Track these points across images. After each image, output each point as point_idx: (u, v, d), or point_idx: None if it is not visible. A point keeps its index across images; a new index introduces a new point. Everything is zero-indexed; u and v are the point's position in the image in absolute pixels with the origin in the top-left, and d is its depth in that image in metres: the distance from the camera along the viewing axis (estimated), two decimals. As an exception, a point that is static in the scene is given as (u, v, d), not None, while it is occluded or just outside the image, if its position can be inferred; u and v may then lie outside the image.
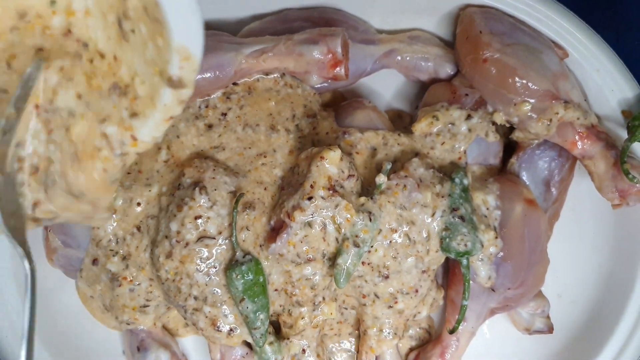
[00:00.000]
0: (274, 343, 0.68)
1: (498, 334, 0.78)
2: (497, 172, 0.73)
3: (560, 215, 0.75)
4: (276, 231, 0.64)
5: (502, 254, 0.67)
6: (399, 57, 0.74)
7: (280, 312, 0.68)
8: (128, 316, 0.70)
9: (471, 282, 0.67)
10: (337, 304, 0.69)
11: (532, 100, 0.68)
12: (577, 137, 0.70)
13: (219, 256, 0.65)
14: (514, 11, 0.72)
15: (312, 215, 0.62)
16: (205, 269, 0.65)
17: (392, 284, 0.66)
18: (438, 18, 0.75)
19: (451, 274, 0.71)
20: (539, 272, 0.70)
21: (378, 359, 0.72)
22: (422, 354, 0.74)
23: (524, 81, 0.67)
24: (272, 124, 0.70)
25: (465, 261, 0.66)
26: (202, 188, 0.64)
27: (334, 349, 0.72)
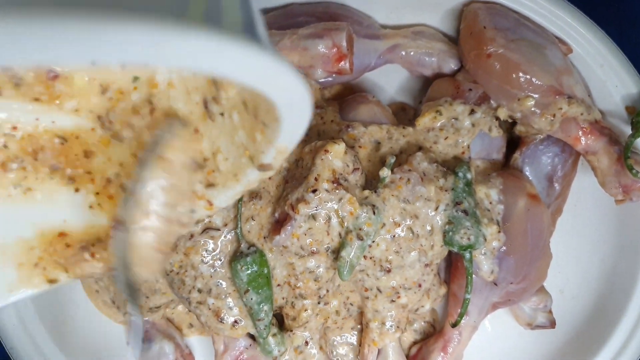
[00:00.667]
0: (277, 335, 0.68)
1: (500, 328, 0.78)
2: (501, 167, 0.73)
3: (563, 211, 0.76)
4: (280, 223, 0.64)
5: (504, 248, 0.68)
6: (403, 52, 0.74)
7: (283, 305, 0.68)
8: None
9: (474, 276, 0.67)
10: (342, 300, 0.70)
11: (535, 96, 0.68)
12: (580, 133, 0.70)
13: (224, 248, 0.66)
14: (518, 7, 0.72)
15: (316, 208, 0.62)
16: (210, 261, 0.65)
17: (394, 278, 0.66)
18: (442, 13, 0.76)
19: (454, 267, 0.72)
20: (541, 267, 0.70)
21: (380, 352, 0.72)
22: (424, 348, 0.74)
23: (528, 76, 0.67)
24: None
25: (468, 255, 0.66)
26: None
27: (336, 342, 0.73)
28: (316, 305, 0.67)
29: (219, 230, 0.65)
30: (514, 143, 0.75)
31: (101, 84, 0.49)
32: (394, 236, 0.65)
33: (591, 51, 0.72)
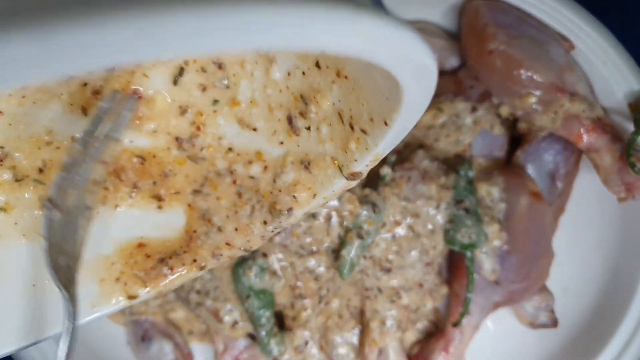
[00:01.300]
0: (277, 335, 0.68)
1: (502, 328, 0.78)
2: (502, 165, 0.73)
3: (565, 209, 0.75)
4: (280, 222, 0.64)
5: (506, 246, 0.67)
6: (404, 50, 0.74)
7: (283, 304, 0.68)
8: (129, 308, 0.71)
9: (475, 275, 0.67)
10: (343, 300, 0.69)
11: (537, 93, 0.68)
12: (582, 130, 0.69)
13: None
14: (520, 3, 0.71)
15: (315, 206, 0.62)
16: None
17: (395, 278, 0.66)
18: (443, 10, 0.75)
19: (455, 267, 0.71)
20: (543, 266, 0.70)
21: (381, 352, 0.72)
22: (425, 348, 0.74)
23: (530, 73, 0.67)
24: None
25: (469, 254, 0.66)
26: None
27: (337, 342, 0.72)
28: (317, 305, 0.67)
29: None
30: (515, 141, 0.74)
31: (180, 106, 0.48)
32: (394, 235, 0.64)
33: (594, 48, 0.71)
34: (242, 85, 0.48)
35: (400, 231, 0.64)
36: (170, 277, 0.51)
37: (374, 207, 0.63)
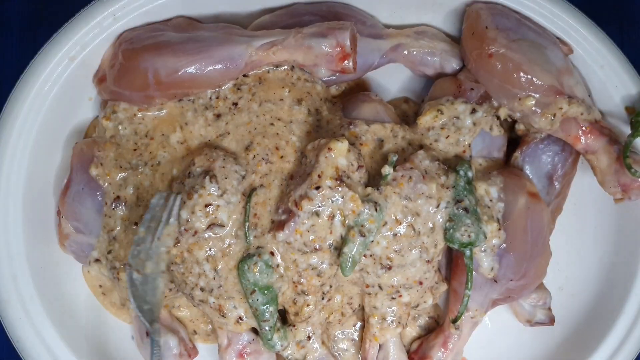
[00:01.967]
0: (280, 330, 0.69)
1: (500, 325, 0.79)
2: (501, 165, 0.74)
3: (562, 209, 0.76)
4: (283, 220, 0.65)
5: (504, 245, 0.68)
6: (405, 52, 0.75)
7: (286, 300, 0.69)
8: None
9: (474, 273, 0.68)
10: (345, 297, 0.70)
11: (536, 95, 0.69)
12: (580, 132, 0.71)
13: (229, 247, 0.66)
14: (520, 7, 0.73)
15: (319, 204, 0.63)
16: (214, 259, 0.66)
17: (395, 276, 0.67)
18: (444, 13, 0.76)
19: (454, 264, 0.72)
20: (541, 264, 0.71)
21: (381, 347, 0.72)
22: (425, 343, 0.75)
23: (529, 76, 0.68)
24: (299, 98, 0.71)
25: (468, 252, 0.67)
26: (212, 177, 0.66)
27: (338, 337, 0.73)
28: (320, 300, 0.68)
29: (224, 227, 0.66)
30: (514, 142, 0.75)
31: None
32: (395, 234, 0.65)
33: (592, 52, 0.72)
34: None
35: (401, 229, 0.65)
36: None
37: (375, 205, 0.64)
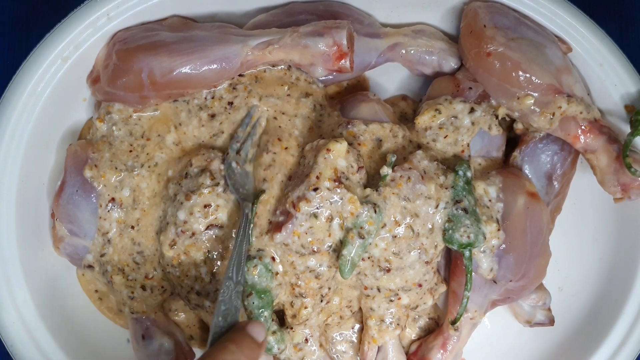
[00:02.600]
0: (277, 332, 0.68)
1: (499, 326, 0.78)
2: (500, 165, 0.74)
3: (562, 209, 0.76)
4: (281, 221, 0.64)
5: (504, 246, 0.68)
6: (403, 51, 0.74)
7: (283, 302, 0.68)
8: (129, 307, 0.72)
9: (473, 274, 0.68)
10: (343, 300, 0.70)
11: (535, 94, 0.68)
12: (579, 131, 0.70)
13: (226, 250, 0.66)
14: (519, 5, 0.72)
15: (317, 206, 0.63)
16: (210, 262, 0.66)
17: (394, 280, 0.67)
18: (442, 12, 0.76)
19: (453, 265, 0.72)
20: (540, 265, 0.71)
21: (380, 349, 0.72)
22: (424, 345, 0.74)
23: (528, 75, 0.68)
24: (307, 92, 0.71)
25: (467, 253, 0.67)
26: (211, 177, 0.65)
27: (336, 339, 0.73)
28: (318, 303, 0.67)
29: (222, 227, 0.65)
30: (513, 141, 0.75)
31: None
32: (394, 236, 0.65)
33: (591, 50, 0.72)
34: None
35: (400, 231, 0.65)
36: None
37: (374, 207, 0.63)
